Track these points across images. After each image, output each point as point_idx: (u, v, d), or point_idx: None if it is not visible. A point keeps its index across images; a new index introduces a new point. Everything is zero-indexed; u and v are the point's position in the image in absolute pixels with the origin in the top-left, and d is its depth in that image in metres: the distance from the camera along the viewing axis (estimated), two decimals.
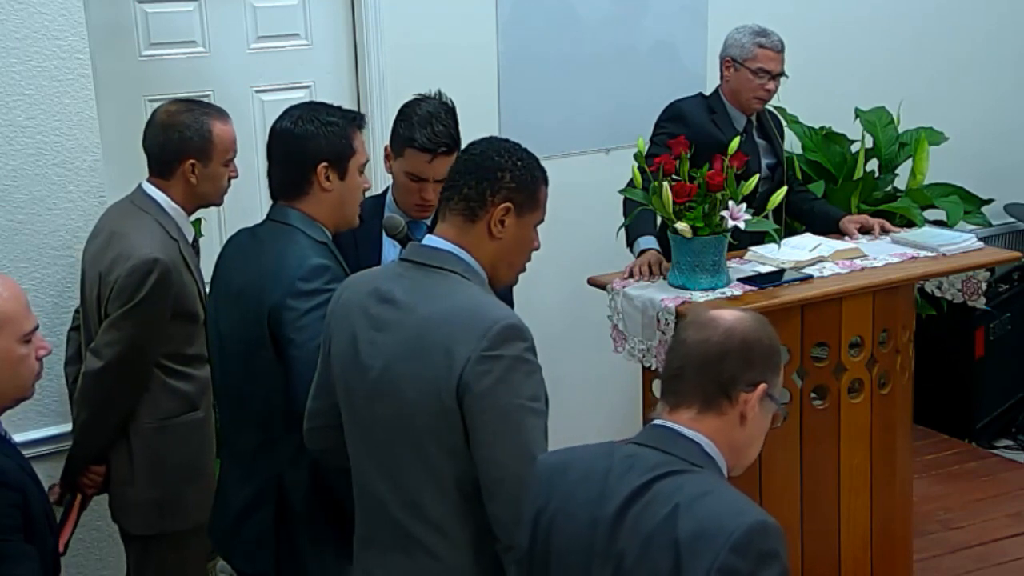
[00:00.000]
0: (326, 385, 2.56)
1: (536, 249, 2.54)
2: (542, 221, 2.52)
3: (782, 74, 4.31)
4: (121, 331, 3.17)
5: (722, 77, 4.38)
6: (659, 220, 3.90)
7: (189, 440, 3.33)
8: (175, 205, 3.29)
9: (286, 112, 3.00)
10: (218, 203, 3.42)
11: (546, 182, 2.51)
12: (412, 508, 2.39)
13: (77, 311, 3.50)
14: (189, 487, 3.33)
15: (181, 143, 3.25)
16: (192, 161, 3.26)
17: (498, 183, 2.42)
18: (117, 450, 3.30)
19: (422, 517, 2.38)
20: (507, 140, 2.52)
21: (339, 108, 3.02)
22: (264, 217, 3.03)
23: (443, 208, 2.47)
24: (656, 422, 2.14)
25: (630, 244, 4.01)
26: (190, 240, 3.37)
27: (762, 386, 2.12)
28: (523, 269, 2.55)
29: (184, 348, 3.29)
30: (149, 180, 3.32)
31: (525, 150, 2.50)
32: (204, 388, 3.35)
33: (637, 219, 3.86)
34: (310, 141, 2.92)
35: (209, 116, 3.29)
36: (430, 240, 2.46)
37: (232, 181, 3.39)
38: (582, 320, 4.79)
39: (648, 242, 3.97)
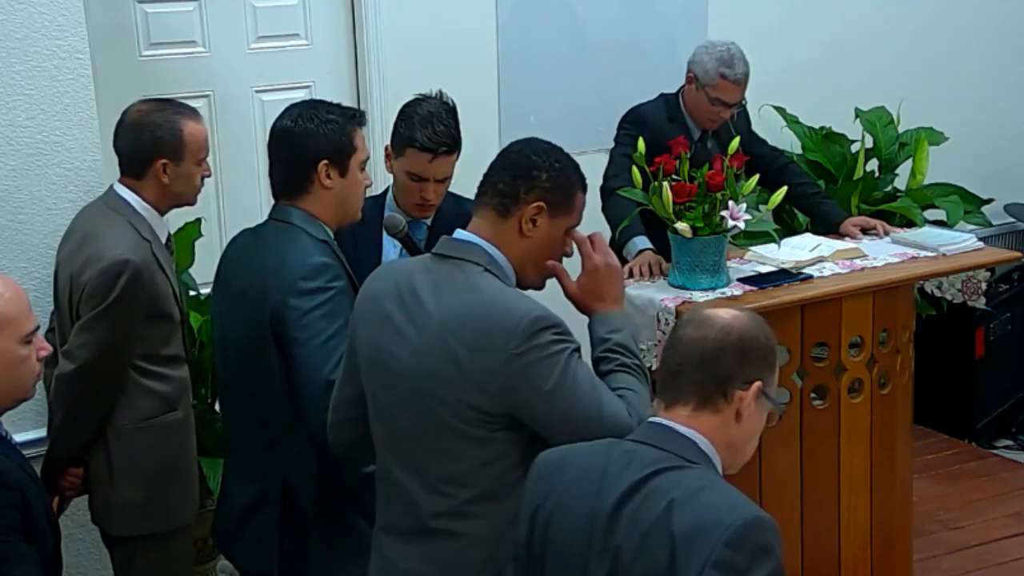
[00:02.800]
0: (352, 375, 2.55)
1: (568, 255, 2.54)
2: (575, 226, 2.52)
3: (741, 102, 4.28)
4: (93, 333, 3.14)
5: (686, 84, 4.35)
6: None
7: (168, 441, 3.30)
8: (147, 205, 3.26)
9: (286, 111, 3.01)
10: (191, 202, 3.39)
11: (584, 188, 2.52)
12: (435, 494, 2.40)
13: (54, 313, 3.49)
14: (170, 488, 3.31)
15: (153, 143, 3.23)
16: (164, 161, 3.23)
17: (533, 181, 2.43)
18: (95, 452, 3.27)
19: (445, 505, 2.40)
20: (548, 142, 2.52)
21: (339, 106, 3.02)
22: (266, 217, 3.03)
23: (476, 203, 2.48)
24: (652, 420, 2.16)
25: (621, 245, 4.00)
26: (164, 240, 3.34)
27: (758, 384, 2.13)
28: (551, 275, 2.54)
29: (160, 349, 3.26)
30: (121, 181, 3.30)
31: (566, 154, 2.51)
32: (183, 388, 3.34)
33: (629, 219, 3.87)
34: (310, 139, 2.92)
35: (180, 115, 3.27)
36: (459, 233, 2.47)
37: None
38: (582, 319, 4.79)
39: (644, 242, 3.98)
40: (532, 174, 2.44)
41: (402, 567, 2.48)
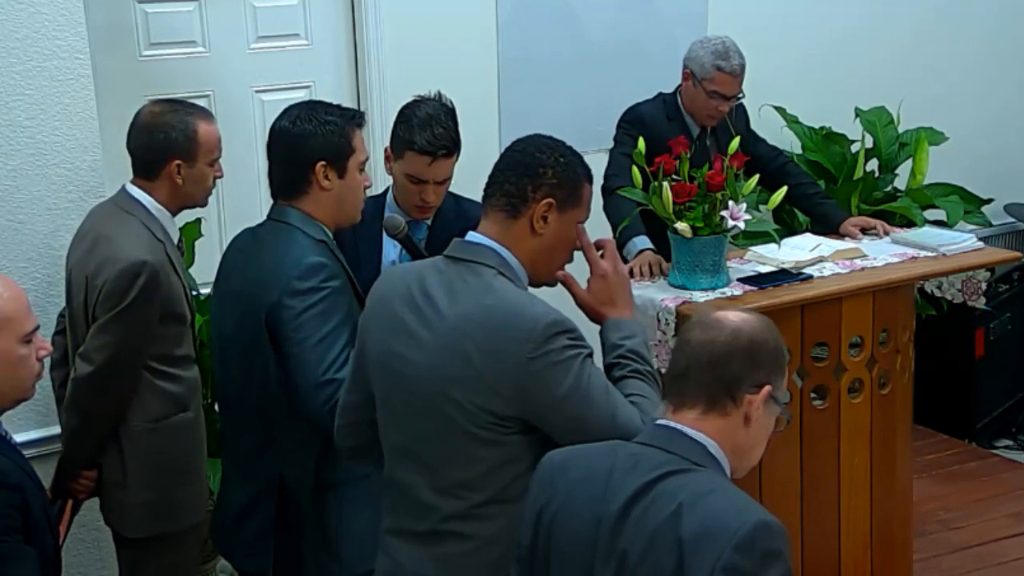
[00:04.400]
0: (361, 378, 2.54)
1: (578, 248, 2.53)
2: (585, 219, 2.51)
3: (738, 95, 4.28)
4: (111, 335, 3.14)
5: (683, 81, 4.35)
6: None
7: (180, 441, 3.30)
8: (160, 206, 3.26)
9: (285, 111, 3.01)
10: (202, 204, 3.39)
11: (590, 180, 2.51)
12: (447, 496, 2.40)
13: (61, 315, 3.47)
14: (181, 488, 3.31)
15: (167, 143, 3.22)
16: (178, 161, 3.23)
17: (540, 179, 2.42)
18: (109, 453, 3.27)
19: (457, 507, 2.39)
20: (550, 137, 2.51)
21: (338, 107, 3.02)
22: (265, 217, 3.03)
23: (485, 205, 2.47)
24: (659, 422, 2.14)
25: (621, 245, 3.99)
26: (176, 241, 3.34)
27: (767, 388, 2.11)
28: (563, 268, 2.53)
29: (172, 349, 3.26)
30: (133, 182, 3.29)
31: (569, 147, 2.50)
32: (193, 389, 3.33)
33: (630, 219, 3.87)
34: (308, 140, 2.92)
35: (193, 116, 3.27)
36: (470, 236, 2.46)
37: (218, 181, 3.37)
38: (582, 319, 4.79)
39: (644, 242, 3.98)
40: (539, 172, 2.43)
41: (411, 569, 2.46)
